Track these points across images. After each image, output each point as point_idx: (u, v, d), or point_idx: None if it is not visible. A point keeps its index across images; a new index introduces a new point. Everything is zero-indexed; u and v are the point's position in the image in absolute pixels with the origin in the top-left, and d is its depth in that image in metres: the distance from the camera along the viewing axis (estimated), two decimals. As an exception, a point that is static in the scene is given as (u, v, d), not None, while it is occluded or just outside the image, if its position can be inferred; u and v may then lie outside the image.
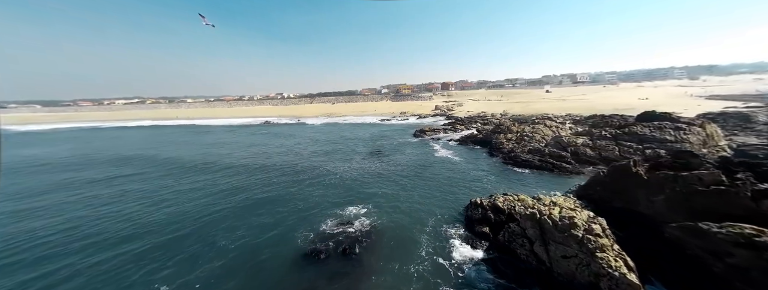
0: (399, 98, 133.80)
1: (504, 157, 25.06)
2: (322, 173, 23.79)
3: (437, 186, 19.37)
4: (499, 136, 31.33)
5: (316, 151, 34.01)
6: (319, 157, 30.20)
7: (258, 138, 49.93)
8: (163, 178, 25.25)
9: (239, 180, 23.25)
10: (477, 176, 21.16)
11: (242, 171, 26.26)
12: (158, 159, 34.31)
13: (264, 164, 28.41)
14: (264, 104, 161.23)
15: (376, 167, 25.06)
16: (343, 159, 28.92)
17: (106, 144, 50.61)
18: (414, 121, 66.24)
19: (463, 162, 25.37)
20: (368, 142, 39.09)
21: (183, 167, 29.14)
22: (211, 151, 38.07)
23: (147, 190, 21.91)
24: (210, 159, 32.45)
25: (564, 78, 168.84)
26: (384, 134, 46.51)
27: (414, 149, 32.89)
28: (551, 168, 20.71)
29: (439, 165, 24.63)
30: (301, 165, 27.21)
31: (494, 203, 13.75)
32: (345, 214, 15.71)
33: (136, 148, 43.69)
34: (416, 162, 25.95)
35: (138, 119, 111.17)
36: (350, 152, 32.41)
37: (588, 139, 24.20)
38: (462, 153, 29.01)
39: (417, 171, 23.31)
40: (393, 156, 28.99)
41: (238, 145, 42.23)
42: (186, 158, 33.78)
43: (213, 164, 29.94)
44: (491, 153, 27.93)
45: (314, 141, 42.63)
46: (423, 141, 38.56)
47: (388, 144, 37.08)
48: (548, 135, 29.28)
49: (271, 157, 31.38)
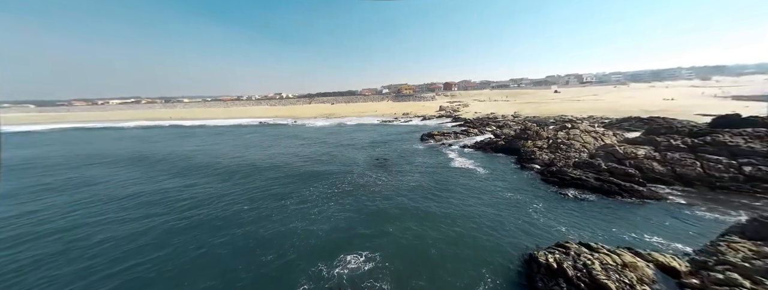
0: (400, 98, 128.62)
1: (542, 172, 19.63)
2: (310, 197, 18.27)
3: (465, 219, 13.97)
4: (526, 143, 25.97)
5: (307, 161, 28.64)
6: (309, 171, 24.69)
7: (244, 142, 44.54)
8: (87, 206, 19.87)
9: (191, 211, 17.66)
10: (515, 201, 15.78)
11: (201, 196, 19.82)
12: (103, 180, 28.79)
13: (234, 182, 22.66)
14: (262, 104, 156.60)
15: (381, 186, 19.66)
16: (339, 173, 23.52)
17: (66, 149, 45.28)
18: (418, 123, 61.00)
19: (489, 179, 19.96)
20: (369, 149, 33.71)
21: (114, 196, 22.20)
22: (175, 164, 32.73)
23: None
24: (172, 173, 27.13)
25: (571, 78, 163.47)
26: (387, 138, 41.19)
27: (424, 158, 27.53)
28: (617, 191, 15.29)
29: (461, 184, 19.23)
30: (284, 183, 21.56)
31: (580, 268, 8.37)
32: (336, 272, 10.35)
33: (93, 156, 38.37)
34: (430, 179, 20.54)
35: (129, 120, 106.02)
36: (348, 163, 27.02)
37: (651, 149, 18.83)
38: (485, 165, 23.59)
39: (433, 192, 17.92)
40: (400, 170, 23.59)
41: (218, 152, 36.81)
42: (136, 178, 28.35)
43: (165, 187, 24.59)
44: (521, 165, 22.51)
45: (308, 147, 37.26)
46: (432, 147, 33.21)
47: (392, 151, 31.70)
48: (589, 142, 23.89)
49: (248, 174, 25.06)
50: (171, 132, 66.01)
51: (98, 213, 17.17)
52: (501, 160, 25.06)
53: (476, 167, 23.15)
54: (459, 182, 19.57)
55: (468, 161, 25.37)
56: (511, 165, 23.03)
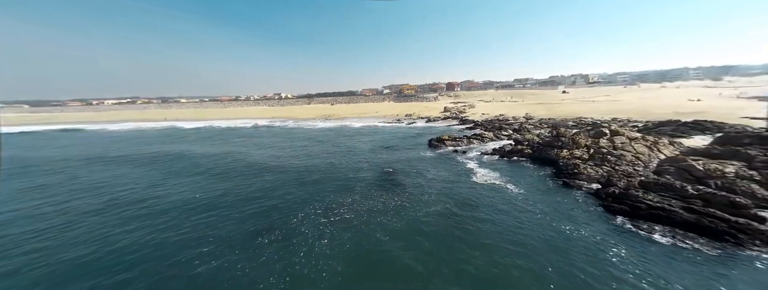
0: (402, 99, 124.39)
1: (598, 195, 15.18)
2: (296, 230, 13.70)
3: (521, 279, 9.60)
4: (562, 153, 21.56)
5: (299, 173, 24.19)
6: (299, 189, 20.10)
7: (228, 150, 40.10)
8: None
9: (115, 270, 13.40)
10: (581, 242, 11.33)
11: (129, 243, 16.35)
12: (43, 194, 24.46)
13: (197, 213, 18.17)
14: (260, 105, 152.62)
15: (390, 213, 15.20)
16: (337, 191, 19.09)
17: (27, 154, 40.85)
18: (423, 125, 56.68)
19: (530, 202, 15.50)
20: (372, 157, 29.29)
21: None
22: (140, 177, 28.34)
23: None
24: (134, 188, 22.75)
25: (577, 78, 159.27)
26: (391, 143, 36.78)
27: (438, 169, 23.10)
28: (726, 230, 10.85)
29: (494, 209, 14.79)
30: (265, 208, 16.72)
31: None
32: None
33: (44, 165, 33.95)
34: (453, 202, 16.08)
35: (121, 120, 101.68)
36: (348, 176, 22.57)
37: (743, 165, 14.45)
38: (516, 180, 19.10)
39: (461, 224, 13.46)
40: (412, 187, 19.11)
41: (187, 167, 32.37)
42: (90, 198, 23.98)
43: (119, 201, 20.16)
44: (563, 181, 18.04)
45: (302, 154, 32.83)
46: (445, 155, 28.81)
47: (399, 160, 27.28)
48: (643, 153, 19.47)
49: (225, 193, 20.43)
50: (149, 135, 61.44)
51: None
52: (533, 174, 20.59)
53: (506, 183, 18.68)
54: (491, 205, 15.15)
55: (492, 174, 20.92)
56: (550, 182, 18.56)
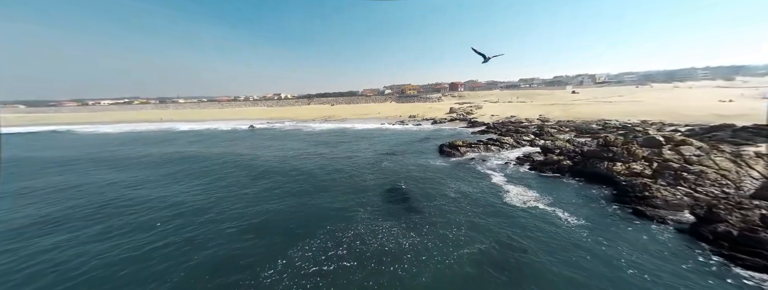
0: (405, 99, 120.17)
1: (699, 235, 10.81)
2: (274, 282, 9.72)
3: None
4: (616, 166, 17.27)
5: (288, 194, 19.78)
6: (286, 218, 15.74)
7: (213, 157, 35.98)
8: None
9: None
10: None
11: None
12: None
13: (148, 259, 14.17)
14: (259, 105, 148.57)
15: (402, 261, 10.90)
16: (334, 220, 14.77)
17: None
18: (429, 128, 52.49)
19: (596, 244, 11.19)
20: (376, 168, 24.95)
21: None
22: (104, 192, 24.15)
23: None
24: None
25: (584, 78, 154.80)
26: (398, 148, 32.51)
27: (457, 185, 18.78)
28: None
29: (548, 252, 10.51)
30: (240, 249, 12.58)
31: None
32: None
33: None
34: (487, 242, 11.73)
35: (114, 121, 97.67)
36: (345, 198, 18.14)
37: None
38: (561, 203, 14.79)
39: (506, 281, 9.28)
40: (428, 212, 14.81)
41: (156, 180, 28.27)
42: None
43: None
44: (632, 208, 13.72)
45: (296, 165, 28.58)
46: (461, 164, 24.56)
47: (408, 172, 22.97)
48: (729, 170, 15.18)
49: (195, 214, 16.81)
50: (129, 138, 57.34)
51: None
52: (583, 194, 16.25)
53: (553, 209, 14.34)
54: (547, 248, 10.82)
55: (529, 194, 16.61)
56: (613, 209, 14.17)
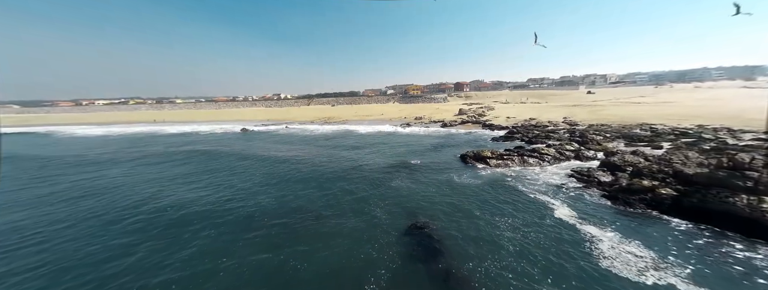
0: (408, 100, 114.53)
1: None
2: None
3: None
4: (759, 203, 11.55)
5: (261, 238, 14.34)
6: (263, 281, 10.35)
7: (195, 167, 30.42)
8: None
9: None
10: None
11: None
12: None
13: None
14: (257, 105, 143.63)
15: None
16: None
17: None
18: (440, 131, 46.80)
19: None
20: (387, 190, 19.19)
21: None
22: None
23: None
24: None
25: (596, 78, 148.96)
26: (409, 158, 26.74)
27: (503, 220, 13.12)
28: None
29: None
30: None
31: None
32: None
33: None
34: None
35: (105, 123, 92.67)
36: (348, 242, 12.51)
37: None
38: (687, 271, 9.22)
39: None
40: (471, 276, 9.21)
41: (140, 187, 22.72)
42: None
43: None
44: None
45: (285, 184, 22.99)
46: (496, 183, 18.83)
47: (429, 197, 17.23)
48: None
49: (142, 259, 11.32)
50: (106, 141, 51.93)
51: None
52: (716, 252, 10.52)
53: (686, 284, 8.73)
54: None
55: (625, 245, 10.87)
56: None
